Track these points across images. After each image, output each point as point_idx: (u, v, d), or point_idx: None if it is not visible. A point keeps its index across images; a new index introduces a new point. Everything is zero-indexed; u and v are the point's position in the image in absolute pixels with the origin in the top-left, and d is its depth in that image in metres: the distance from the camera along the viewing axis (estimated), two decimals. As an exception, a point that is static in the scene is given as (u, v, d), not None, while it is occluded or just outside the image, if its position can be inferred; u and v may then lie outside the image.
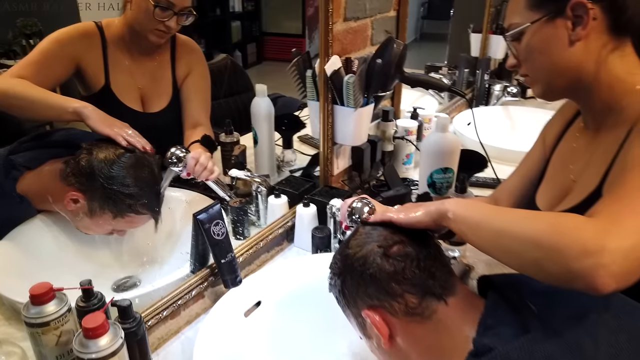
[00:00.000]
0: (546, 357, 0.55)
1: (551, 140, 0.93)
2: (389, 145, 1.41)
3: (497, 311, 0.64)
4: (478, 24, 2.13)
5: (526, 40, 0.77)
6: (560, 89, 0.81)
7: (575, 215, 0.59)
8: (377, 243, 0.70)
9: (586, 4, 0.71)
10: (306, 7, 1.46)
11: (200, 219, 0.91)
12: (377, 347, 0.71)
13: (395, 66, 1.22)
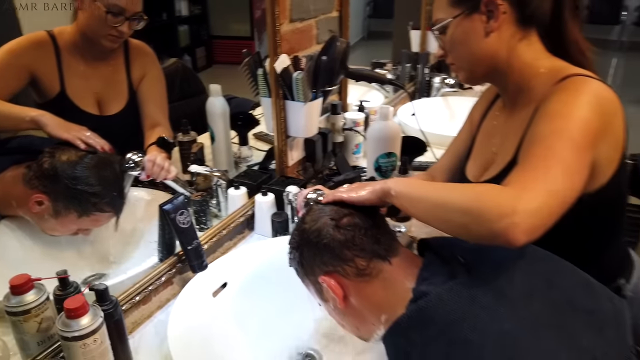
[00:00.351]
0: (471, 295, 0.66)
1: (476, 120, 1.06)
2: (339, 136, 1.51)
3: (432, 266, 0.75)
4: (417, 21, 2.27)
5: (450, 33, 0.89)
6: (481, 75, 0.93)
7: (494, 185, 0.70)
8: (329, 216, 0.79)
9: (496, 0, 0.83)
10: (253, 9, 1.47)
11: (166, 209, 0.98)
12: (334, 309, 0.81)
13: (339, 62, 1.32)
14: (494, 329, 0.63)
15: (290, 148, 1.37)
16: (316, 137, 1.40)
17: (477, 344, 0.62)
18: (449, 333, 0.64)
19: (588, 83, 0.79)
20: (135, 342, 0.93)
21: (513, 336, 0.62)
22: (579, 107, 0.75)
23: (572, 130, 0.73)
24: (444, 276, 0.71)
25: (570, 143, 0.72)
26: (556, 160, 0.70)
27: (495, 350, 0.61)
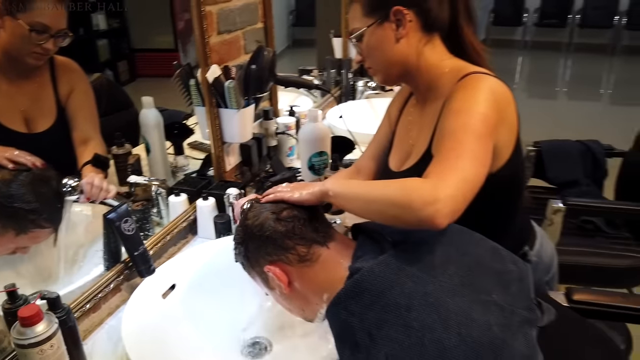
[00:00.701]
0: (398, 267, 0.77)
1: (394, 116, 1.17)
2: (273, 140, 1.59)
3: (364, 246, 0.85)
4: (337, 29, 2.40)
5: (365, 40, 1.00)
6: (395, 76, 1.05)
7: (415, 179, 0.82)
8: (270, 211, 0.87)
9: (402, 10, 0.95)
10: (176, 21, 1.46)
11: (110, 218, 1.01)
12: (280, 295, 0.88)
13: (268, 70, 1.40)
14: (419, 292, 0.74)
15: (227, 154, 1.43)
16: (251, 142, 1.47)
17: (406, 305, 0.72)
18: (382, 299, 0.74)
19: (484, 80, 0.92)
20: (89, 348, 0.95)
21: (435, 296, 0.73)
22: (478, 103, 0.88)
23: (474, 124, 0.85)
24: (375, 253, 0.81)
25: (474, 135, 0.84)
26: (464, 151, 0.82)
27: (421, 309, 0.72)
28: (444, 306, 0.72)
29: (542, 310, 0.79)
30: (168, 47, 1.48)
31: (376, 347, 0.71)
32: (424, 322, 0.70)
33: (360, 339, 0.73)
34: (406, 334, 0.70)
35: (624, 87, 5.74)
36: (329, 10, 2.47)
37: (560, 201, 1.62)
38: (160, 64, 1.44)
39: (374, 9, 0.97)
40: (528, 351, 0.70)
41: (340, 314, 0.77)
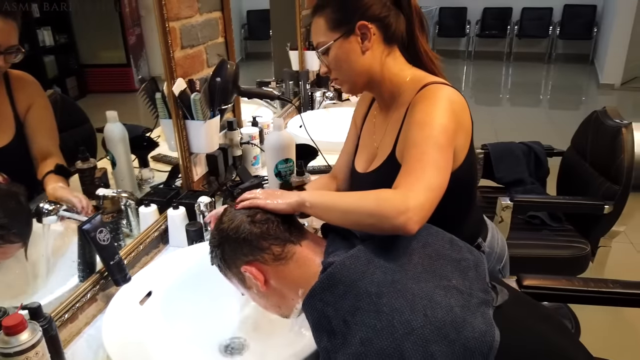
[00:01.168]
0: (367, 259, 0.84)
1: (359, 121, 1.26)
2: (238, 150, 1.64)
3: (334, 242, 0.91)
4: (294, 42, 2.48)
5: (332, 54, 1.06)
6: (361, 86, 1.12)
7: (388, 190, 0.90)
8: (244, 214, 0.92)
9: (367, 24, 1.03)
10: (127, 36, 1.43)
11: (86, 229, 1.03)
12: (257, 293, 0.93)
13: (232, 83, 1.45)
14: (387, 280, 0.81)
15: (194, 164, 1.47)
16: (217, 152, 1.51)
17: (376, 292, 0.79)
18: (354, 289, 0.80)
19: (442, 90, 1.01)
20: (70, 356, 0.97)
21: (402, 283, 0.81)
22: (438, 115, 0.96)
23: (437, 136, 0.94)
24: (345, 248, 0.88)
25: (437, 147, 0.93)
26: (429, 163, 0.91)
27: (390, 295, 0.79)
28: (410, 291, 0.80)
29: (497, 292, 0.88)
30: (119, 63, 1.45)
31: (351, 332, 0.78)
32: (393, 306, 0.78)
33: (336, 326, 0.80)
34: (378, 318, 0.77)
35: (559, 92, 6.13)
36: (284, 24, 2.55)
37: (508, 198, 1.75)
38: (111, 79, 1.42)
39: (339, 23, 1.04)
40: (486, 327, 0.79)
41: (317, 305, 0.83)
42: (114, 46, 1.43)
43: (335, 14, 1.04)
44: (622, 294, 1.15)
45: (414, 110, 0.99)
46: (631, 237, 2.74)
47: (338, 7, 1.04)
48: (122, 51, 1.43)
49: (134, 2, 1.39)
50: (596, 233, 1.82)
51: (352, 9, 1.03)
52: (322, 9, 1.06)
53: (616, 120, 1.81)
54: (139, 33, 1.42)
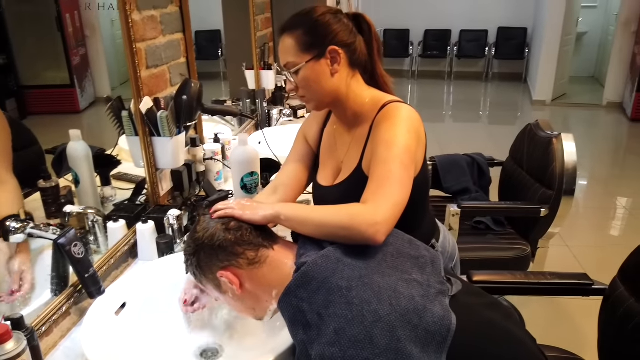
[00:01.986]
0: (336, 258, 0.92)
1: (314, 138, 1.33)
2: (201, 166, 1.69)
3: (305, 245, 0.99)
4: (249, 62, 2.56)
5: (302, 74, 1.12)
6: (326, 105, 1.21)
7: (357, 205, 1.00)
8: (219, 223, 0.98)
9: (337, 49, 1.12)
10: (71, 56, 1.40)
11: (61, 242, 1.06)
12: (233, 297, 0.99)
13: (196, 100, 1.52)
14: (355, 275, 0.90)
15: (160, 180, 1.51)
16: (182, 168, 1.56)
17: (346, 287, 0.88)
18: (326, 284, 0.89)
19: (401, 109, 1.12)
20: (49, 368, 0.99)
21: (369, 277, 0.90)
22: (402, 135, 1.07)
23: (401, 155, 1.05)
24: (316, 250, 0.96)
25: (402, 165, 1.04)
26: (394, 180, 1.02)
27: (359, 288, 0.87)
28: (376, 284, 0.89)
29: (452, 284, 0.99)
30: (63, 84, 1.42)
31: (325, 323, 0.86)
32: (362, 298, 0.86)
33: (311, 319, 0.87)
34: (349, 309, 0.85)
35: (497, 109, 6.52)
36: (238, 45, 2.63)
37: (456, 205, 1.90)
38: (54, 100, 1.39)
39: (310, 46, 1.10)
40: (444, 313, 0.89)
41: (292, 301, 0.90)
42: (56, 67, 1.40)
43: (307, 37, 1.10)
44: (559, 284, 1.29)
45: (380, 129, 1.10)
46: (566, 239, 2.98)
47: (310, 31, 1.11)
48: (66, 72, 1.40)
49: (78, 22, 1.39)
50: (535, 235, 1.99)
51: (323, 34, 1.11)
52: (292, 30, 1.11)
53: (547, 132, 2.00)
54: (83, 53, 1.43)
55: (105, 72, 1.54)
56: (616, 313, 1.16)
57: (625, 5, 5.58)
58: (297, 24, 1.12)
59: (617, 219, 3.44)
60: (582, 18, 6.66)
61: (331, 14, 1.13)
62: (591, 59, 7.49)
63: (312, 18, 1.12)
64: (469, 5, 7.51)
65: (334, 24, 1.12)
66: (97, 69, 1.48)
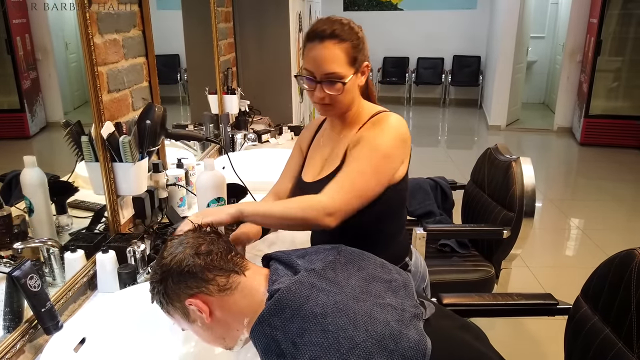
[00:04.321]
0: (310, 284, 0.91)
1: (306, 144, 1.40)
2: (164, 192, 1.64)
3: (277, 271, 0.97)
4: (212, 86, 2.54)
5: (346, 85, 1.19)
6: (345, 112, 1.27)
7: (315, 196, 1.10)
8: (187, 247, 0.95)
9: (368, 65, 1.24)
10: (21, 80, 1.35)
11: (16, 275, 1.00)
12: (201, 326, 0.95)
13: (159, 125, 1.48)
14: (330, 301, 0.88)
15: (121, 207, 1.45)
16: (144, 195, 1.51)
17: (321, 313, 0.86)
18: (300, 311, 0.86)
19: (391, 117, 1.23)
20: (-1, 413, 0.91)
21: (344, 303, 0.88)
22: (385, 141, 1.18)
23: (376, 157, 1.16)
24: (288, 276, 0.94)
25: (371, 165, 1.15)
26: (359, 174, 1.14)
27: (334, 314, 0.86)
28: (351, 310, 0.87)
29: (425, 307, 0.99)
30: (12, 108, 1.37)
31: (300, 352, 0.83)
32: (338, 324, 0.85)
33: (285, 348, 0.85)
34: (324, 337, 0.83)
35: (455, 133, 6.72)
36: (201, 69, 2.61)
37: (422, 228, 1.92)
38: (2, 125, 1.34)
39: (355, 60, 1.19)
40: (419, 337, 0.88)
41: (265, 330, 0.88)
42: (5, 91, 1.36)
43: (354, 51, 1.18)
44: (525, 305, 1.31)
45: (367, 133, 1.20)
46: (527, 261, 3.06)
47: (357, 45, 1.19)
48: (15, 95, 1.35)
49: (30, 45, 1.35)
50: (498, 257, 2.03)
51: (363, 49, 1.21)
52: (340, 40, 1.16)
53: (507, 155, 2.07)
54: (34, 77, 1.38)
55: (58, 96, 1.49)
56: (581, 331, 1.19)
57: (571, 36, 5.91)
58: (345, 36, 1.17)
59: (571, 239, 3.56)
60: (532, 47, 7.01)
61: (361, 29, 1.23)
62: (541, 86, 7.86)
63: (355, 32, 1.19)
64: (425, 34, 7.78)
65: (365, 41, 1.22)
66: (49, 93, 1.43)
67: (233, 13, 2.85)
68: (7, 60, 1.31)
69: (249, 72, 2.99)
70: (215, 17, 2.45)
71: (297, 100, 3.28)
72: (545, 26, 7.63)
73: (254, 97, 2.91)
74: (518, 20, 5.97)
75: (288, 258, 1.01)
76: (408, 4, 7.69)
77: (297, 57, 3.19)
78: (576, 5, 5.75)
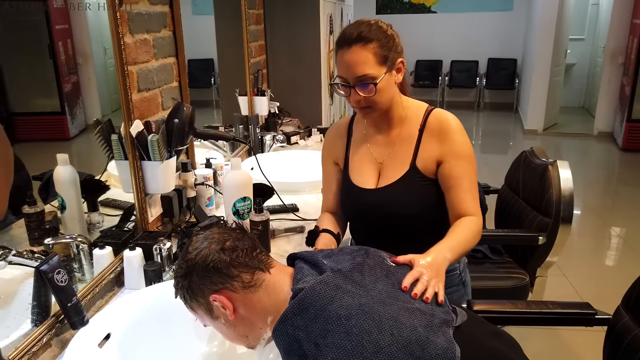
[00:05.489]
0: (335, 285, 0.88)
1: (341, 154, 1.37)
2: (192, 191, 1.65)
3: (302, 270, 0.95)
4: (242, 88, 2.56)
5: (380, 85, 1.18)
6: (385, 111, 1.26)
7: (473, 220, 1.20)
8: (213, 242, 0.92)
9: (404, 61, 1.23)
10: (62, 83, 1.40)
11: (43, 269, 1.01)
12: (225, 323, 0.93)
13: (188, 124, 1.49)
14: (355, 304, 0.85)
15: (149, 205, 1.46)
16: (172, 194, 1.52)
17: (345, 315, 0.83)
18: (324, 312, 0.84)
19: (452, 117, 1.29)
20: (24, 405, 0.92)
21: (369, 306, 0.85)
22: (469, 145, 1.26)
23: (474, 164, 1.25)
24: (313, 275, 0.92)
25: (475, 175, 1.25)
26: (476, 189, 1.24)
27: (359, 317, 0.83)
28: (377, 313, 0.84)
29: (457, 314, 0.95)
30: (53, 110, 1.42)
31: (322, 354, 0.81)
32: (362, 327, 0.82)
33: (308, 349, 0.82)
34: (348, 339, 0.81)
35: (489, 138, 6.57)
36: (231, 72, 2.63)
37: (452, 232, 1.86)
38: (43, 127, 1.39)
39: (385, 59, 1.18)
40: (447, 345, 0.84)
41: (288, 330, 0.86)
42: (47, 94, 1.40)
43: (382, 50, 1.17)
44: (561, 314, 1.25)
45: (452, 139, 1.24)
46: (563, 268, 2.94)
47: (385, 44, 1.17)
48: (56, 99, 1.40)
49: (71, 50, 1.39)
50: (533, 264, 1.95)
51: (393, 47, 1.20)
52: (366, 42, 1.16)
53: (543, 159, 1.99)
54: (75, 80, 1.41)
55: (97, 99, 1.53)
56: (621, 344, 1.12)
57: (612, 38, 5.70)
58: (370, 37, 1.16)
59: (612, 249, 3.41)
60: (570, 50, 6.80)
61: (390, 27, 1.22)
62: (580, 89, 7.61)
63: (383, 31, 1.19)
64: (459, 37, 7.65)
65: (396, 37, 1.21)
66: (89, 96, 1.46)
67: (264, 15, 2.86)
68: (49, 64, 1.35)
69: (279, 74, 2.99)
70: (245, 19, 2.46)
71: (327, 102, 3.27)
72: (585, 28, 7.39)
73: (284, 99, 2.91)
74: (556, 21, 5.79)
75: (313, 257, 0.98)
76: (442, 6, 7.59)
77: (327, 59, 3.18)
78: (618, 6, 5.55)
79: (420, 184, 1.24)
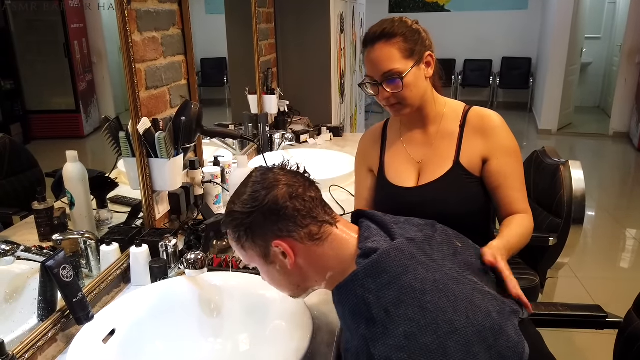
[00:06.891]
0: (410, 254, 0.86)
1: (375, 159, 1.32)
2: (200, 189, 1.65)
3: (369, 229, 0.93)
4: (252, 87, 2.56)
5: (407, 80, 1.15)
6: (417, 107, 1.22)
7: (525, 217, 1.18)
8: (285, 185, 0.88)
9: (432, 54, 1.19)
10: (77, 82, 1.41)
11: (49, 265, 1.02)
12: (279, 270, 0.91)
13: (195, 122, 1.49)
14: (429, 278, 0.83)
15: (156, 202, 1.47)
16: (179, 191, 1.52)
17: (420, 289, 0.81)
18: (399, 282, 0.82)
19: (494, 113, 1.26)
20: (29, 398, 0.93)
21: (444, 283, 0.83)
22: (515, 141, 1.22)
23: (521, 162, 1.22)
24: (384, 237, 0.90)
25: (523, 172, 1.21)
26: (524, 187, 1.21)
27: (434, 293, 0.81)
28: (451, 292, 0.82)
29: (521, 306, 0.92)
30: (68, 109, 1.43)
31: (393, 323, 0.79)
32: (437, 304, 0.80)
33: (377, 314, 0.80)
34: (422, 314, 0.79)
35: (503, 138, 6.49)
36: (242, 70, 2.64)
37: (461, 233, 1.84)
38: (58, 125, 1.40)
39: (412, 53, 1.15)
40: (517, 338, 0.82)
41: (357, 290, 0.83)
42: (62, 92, 1.41)
43: (407, 44, 1.15)
44: (571, 316, 1.23)
45: (498, 136, 1.21)
46: (575, 270, 2.90)
47: (409, 38, 1.15)
48: (72, 98, 1.41)
49: (86, 49, 1.40)
50: (544, 265, 1.93)
51: (419, 40, 1.17)
52: (389, 38, 1.14)
53: (554, 159, 1.96)
54: (90, 79, 1.43)
55: (111, 98, 1.54)
56: (632, 347, 1.10)
57: (629, 37, 5.61)
58: (393, 32, 1.14)
59: (627, 251, 3.36)
60: (586, 49, 6.70)
61: (416, 22, 1.20)
62: (596, 89, 7.50)
63: (407, 25, 1.17)
64: (473, 36, 7.58)
65: (422, 31, 1.19)
66: (103, 95, 1.48)
67: (275, 14, 2.86)
68: (64, 63, 1.37)
69: (289, 72, 2.99)
70: (255, 17, 2.46)
71: (337, 101, 3.26)
72: (602, 26, 7.28)
73: (294, 97, 2.91)
74: (572, 20, 5.71)
75: (382, 219, 0.95)
76: (455, 5, 7.53)
77: (337, 58, 3.17)
78: (635, 5, 5.45)
79: (466, 181, 1.19)
